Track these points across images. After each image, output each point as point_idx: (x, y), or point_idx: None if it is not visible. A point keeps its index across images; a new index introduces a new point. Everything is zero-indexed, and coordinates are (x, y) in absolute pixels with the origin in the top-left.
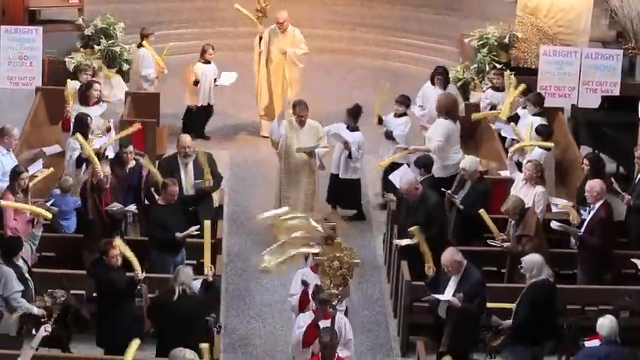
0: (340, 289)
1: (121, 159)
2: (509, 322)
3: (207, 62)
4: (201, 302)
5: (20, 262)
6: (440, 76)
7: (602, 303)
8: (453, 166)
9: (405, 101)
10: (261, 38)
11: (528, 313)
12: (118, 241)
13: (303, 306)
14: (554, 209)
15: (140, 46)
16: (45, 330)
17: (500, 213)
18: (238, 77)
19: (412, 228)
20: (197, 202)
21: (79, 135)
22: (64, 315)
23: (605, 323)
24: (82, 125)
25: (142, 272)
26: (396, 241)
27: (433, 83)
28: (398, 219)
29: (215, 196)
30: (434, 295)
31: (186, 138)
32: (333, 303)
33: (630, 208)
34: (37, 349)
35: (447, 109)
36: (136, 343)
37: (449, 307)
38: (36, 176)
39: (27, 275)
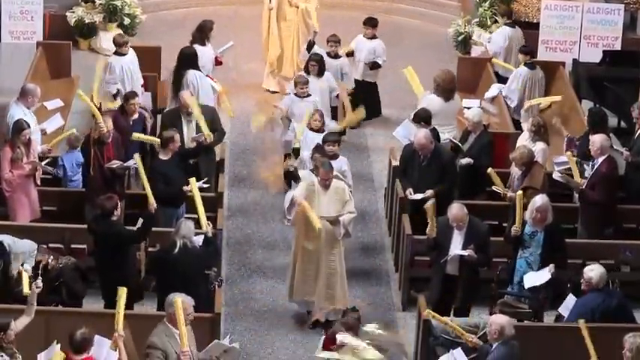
0: None
1: (124, 110)
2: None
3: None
4: (202, 256)
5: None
6: (315, 63)
7: (603, 258)
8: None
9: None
10: None
11: None
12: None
13: (327, 345)
14: (557, 169)
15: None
16: (37, 286)
17: (503, 167)
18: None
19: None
20: (195, 155)
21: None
22: (55, 280)
23: (594, 273)
24: None
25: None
26: (412, 197)
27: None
28: (407, 174)
29: (217, 149)
30: (454, 253)
31: (186, 95)
32: None
33: (629, 164)
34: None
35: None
36: (123, 292)
37: (461, 262)
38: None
39: None
